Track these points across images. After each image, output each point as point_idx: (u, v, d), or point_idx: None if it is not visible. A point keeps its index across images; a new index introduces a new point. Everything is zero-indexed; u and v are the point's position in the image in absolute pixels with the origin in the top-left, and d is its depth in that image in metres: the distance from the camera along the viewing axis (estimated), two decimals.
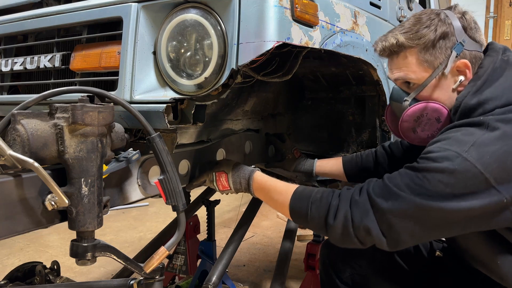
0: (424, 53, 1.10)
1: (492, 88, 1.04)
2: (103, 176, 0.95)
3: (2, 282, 1.53)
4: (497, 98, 1.01)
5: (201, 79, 1.11)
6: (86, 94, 0.94)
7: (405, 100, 1.16)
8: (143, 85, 1.16)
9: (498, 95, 1.02)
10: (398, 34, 1.12)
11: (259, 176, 1.29)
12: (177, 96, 1.13)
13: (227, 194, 1.38)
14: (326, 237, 1.37)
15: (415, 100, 1.15)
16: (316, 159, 1.73)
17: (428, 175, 0.95)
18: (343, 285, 1.53)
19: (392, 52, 1.15)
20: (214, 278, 1.72)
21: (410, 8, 2.17)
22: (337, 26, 1.34)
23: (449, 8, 1.15)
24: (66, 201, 0.87)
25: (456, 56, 1.09)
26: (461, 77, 1.10)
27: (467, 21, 1.12)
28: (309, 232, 3.63)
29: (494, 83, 1.04)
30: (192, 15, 1.11)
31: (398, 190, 0.98)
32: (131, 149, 1.08)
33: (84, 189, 0.89)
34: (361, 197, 1.04)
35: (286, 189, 1.19)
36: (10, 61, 1.39)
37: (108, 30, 1.23)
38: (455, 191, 0.93)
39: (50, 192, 0.87)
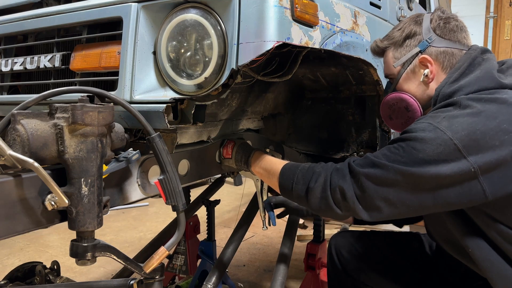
0: (395, 51, 1.29)
1: (467, 78, 1.13)
2: (103, 176, 0.95)
3: (2, 282, 1.53)
4: (470, 85, 1.11)
5: (201, 79, 1.11)
6: (86, 94, 0.94)
7: (387, 91, 1.34)
8: (143, 85, 1.16)
9: (471, 83, 1.11)
10: (378, 39, 1.35)
11: (258, 153, 1.42)
12: (177, 96, 1.13)
13: (226, 166, 1.47)
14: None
15: (395, 92, 1.30)
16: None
17: (402, 144, 1.04)
18: (347, 277, 1.57)
19: (376, 53, 1.37)
20: (214, 278, 1.72)
21: (410, 8, 2.17)
22: (337, 26, 1.34)
23: (435, 10, 1.29)
24: (66, 201, 0.87)
25: (420, 52, 1.23)
26: (426, 71, 1.22)
27: (437, 21, 1.24)
28: (309, 232, 3.63)
29: (470, 74, 1.14)
30: (192, 15, 1.11)
31: (375, 159, 1.06)
32: (131, 149, 1.08)
33: (84, 189, 0.89)
34: (342, 165, 1.14)
35: (279, 162, 1.32)
36: (10, 61, 1.39)
37: (108, 30, 1.23)
38: (427, 157, 0.99)
39: (50, 192, 0.87)
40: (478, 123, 0.99)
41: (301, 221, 3.77)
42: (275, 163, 1.32)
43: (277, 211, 1.72)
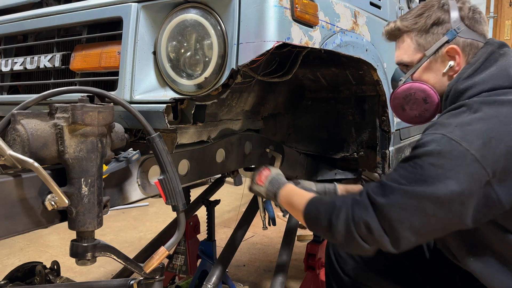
0: (418, 37, 1.19)
1: (482, 75, 1.08)
2: (103, 176, 0.95)
3: (2, 282, 1.53)
4: (484, 83, 1.06)
5: (201, 79, 1.11)
6: (86, 94, 0.94)
7: (400, 79, 1.24)
8: (143, 85, 1.16)
9: (485, 80, 1.06)
10: (398, 20, 1.24)
11: (289, 186, 1.36)
12: (177, 96, 1.13)
13: (255, 191, 1.46)
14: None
15: (414, 81, 1.21)
16: (335, 183, 1.69)
17: (418, 161, 0.98)
18: (345, 277, 1.56)
19: (392, 35, 1.26)
20: (214, 278, 1.72)
21: (410, 8, 2.17)
22: (337, 26, 1.33)
23: None
24: (66, 201, 0.87)
25: (448, 42, 1.15)
26: (451, 62, 1.15)
27: (467, 11, 1.17)
28: (309, 232, 3.63)
29: (485, 71, 1.09)
30: (192, 15, 1.11)
31: (393, 183, 1.00)
32: (131, 149, 1.08)
33: (84, 189, 0.89)
34: (361, 197, 1.06)
35: (305, 197, 1.24)
36: (10, 61, 1.39)
37: (108, 30, 1.23)
38: (447, 172, 0.94)
39: (50, 192, 0.87)
40: (492, 131, 0.96)
41: None
42: (301, 198, 1.25)
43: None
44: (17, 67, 1.37)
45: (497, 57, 1.11)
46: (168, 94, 1.15)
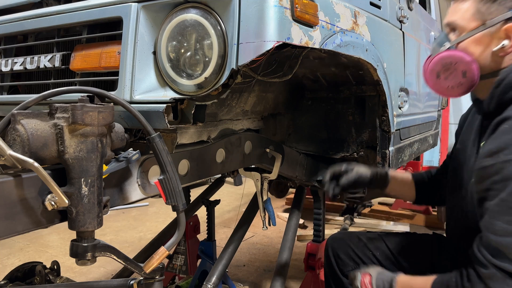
0: (482, 4, 1.10)
1: None
2: (103, 176, 0.95)
3: (2, 282, 1.53)
4: None
5: (201, 79, 1.11)
6: (86, 94, 0.94)
7: (444, 44, 1.16)
8: (143, 85, 1.16)
9: None
10: None
11: (403, 277, 1.22)
12: (177, 96, 1.13)
13: None
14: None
15: (459, 50, 1.14)
16: (387, 169, 1.64)
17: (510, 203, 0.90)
18: (345, 278, 1.56)
19: None
20: (214, 278, 1.72)
21: (410, 8, 2.17)
22: (337, 26, 1.33)
23: None
24: (66, 201, 0.87)
25: (510, 18, 1.06)
26: (505, 41, 1.07)
27: None
28: (309, 232, 3.63)
29: None
30: (192, 15, 1.11)
31: (506, 239, 0.91)
32: (131, 149, 1.08)
33: (84, 189, 0.89)
34: (489, 270, 0.95)
35: (425, 282, 1.12)
36: (10, 61, 1.39)
37: (108, 30, 1.23)
38: None
39: (50, 192, 0.87)
40: None
41: (301, 221, 3.77)
42: (421, 285, 1.13)
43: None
44: (17, 67, 1.37)
45: None
46: (168, 94, 1.15)
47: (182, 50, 1.13)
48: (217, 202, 2.40)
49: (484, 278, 0.96)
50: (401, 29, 2.03)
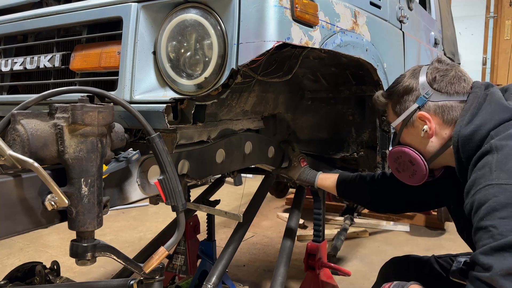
0: (395, 106, 1.27)
1: (480, 116, 1.12)
2: (103, 176, 0.95)
3: (2, 282, 1.53)
4: (488, 122, 1.09)
5: (201, 79, 1.11)
6: (86, 94, 0.94)
7: (393, 143, 1.32)
8: (143, 85, 1.16)
9: (487, 119, 1.10)
10: (380, 92, 1.34)
11: None
12: (177, 96, 1.13)
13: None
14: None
15: (398, 146, 1.28)
16: (319, 172, 1.79)
17: (487, 222, 0.95)
18: None
19: (379, 105, 1.35)
20: (214, 278, 1.72)
21: (410, 8, 2.17)
22: (337, 26, 1.33)
23: (433, 62, 1.27)
24: (66, 201, 0.87)
25: (419, 108, 1.21)
26: (425, 127, 1.20)
27: (435, 74, 1.21)
28: (309, 232, 3.63)
29: (481, 111, 1.13)
30: (192, 15, 1.10)
31: (486, 256, 0.93)
32: (131, 149, 1.08)
33: (84, 189, 0.89)
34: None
35: None
36: (10, 61, 1.39)
37: (108, 30, 1.23)
38: None
39: (50, 192, 0.87)
40: None
41: (301, 221, 3.77)
42: None
43: None
44: (17, 67, 1.37)
45: (486, 97, 1.15)
46: (168, 94, 1.15)
47: (182, 50, 1.13)
48: (217, 202, 2.40)
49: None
50: (401, 29, 2.03)
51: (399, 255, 1.63)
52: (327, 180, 1.75)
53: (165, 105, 1.07)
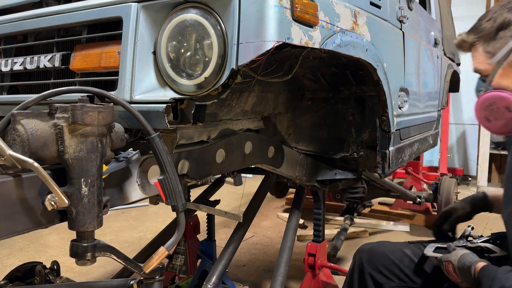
0: (486, 45, 1.16)
1: None
2: (103, 176, 0.95)
3: (2, 282, 1.54)
4: None
5: (201, 79, 1.11)
6: (86, 94, 0.94)
7: (480, 90, 1.20)
8: (143, 85, 1.16)
9: None
10: (464, 32, 1.22)
11: (479, 264, 1.21)
12: (177, 96, 1.13)
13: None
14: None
15: (492, 90, 1.16)
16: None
17: None
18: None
19: (463, 48, 1.24)
20: (214, 278, 1.72)
21: (410, 8, 2.17)
22: (337, 26, 1.33)
23: None
24: (66, 201, 0.87)
25: None
26: None
27: None
28: (309, 232, 3.63)
29: None
30: (192, 15, 1.10)
31: None
32: (131, 149, 1.08)
33: (84, 189, 0.89)
34: None
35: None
36: (10, 61, 1.39)
37: (108, 30, 1.23)
38: None
39: (50, 192, 0.87)
40: None
41: (301, 221, 3.77)
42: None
43: None
44: (17, 67, 1.37)
45: None
46: (168, 94, 1.15)
47: (182, 50, 1.13)
48: (217, 202, 2.40)
49: None
50: (401, 29, 2.03)
51: None
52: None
53: (165, 105, 1.07)
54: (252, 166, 1.80)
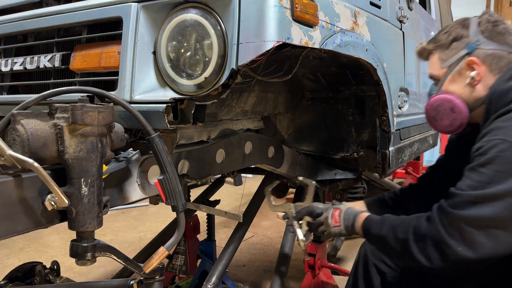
0: (441, 53, 1.31)
1: None
2: (103, 176, 0.95)
3: (2, 282, 1.54)
4: None
5: (201, 79, 1.11)
6: (86, 94, 0.94)
7: (431, 93, 1.36)
8: (143, 85, 1.16)
9: None
10: (425, 42, 1.39)
11: (362, 215, 1.35)
12: (177, 96, 1.13)
13: (336, 236, 1.43)
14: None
15: (440, 93, 1.31)
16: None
17: (483, 169, 1.02)
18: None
19: (422, 55, 1.39)
20: (214, 278, 1.72)
21: (410, 8, 2.17)
22: (337, 26, 1.33)
23: (483, 14, 1.31)
24: (66, 201, 0.87)
25: (468, 54, 1.24)
26: (473, 73, 1.23)
27: (485, 24, 1.25)
28: None
29: None
30: (192, 15, 1.11)
31: (462, 192, 1.04)
32: (131, 149, 1.08)
33: (84, 189, 0.89)
34: (433, 213, 1.08)
35: (383, 219, 1.25)
36: (10, 61, 1.39)
37: (108, 30, 1.23)
38: None
39: (50, 192, 0.87)
40: None
41: None
42: (376, 223, 1.27)
43: None
44: (17, 67, 1.37)
45: None
46: (168, 94, 1.15)
47: (182, 50, 1.13)
48: (217, 202, 2.40)
49: (429, 219, 1.08)
50: (401, 29, 2.03)
51: None
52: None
53: (165, 105, 1.07)
54: (252, 166, 1.80)
